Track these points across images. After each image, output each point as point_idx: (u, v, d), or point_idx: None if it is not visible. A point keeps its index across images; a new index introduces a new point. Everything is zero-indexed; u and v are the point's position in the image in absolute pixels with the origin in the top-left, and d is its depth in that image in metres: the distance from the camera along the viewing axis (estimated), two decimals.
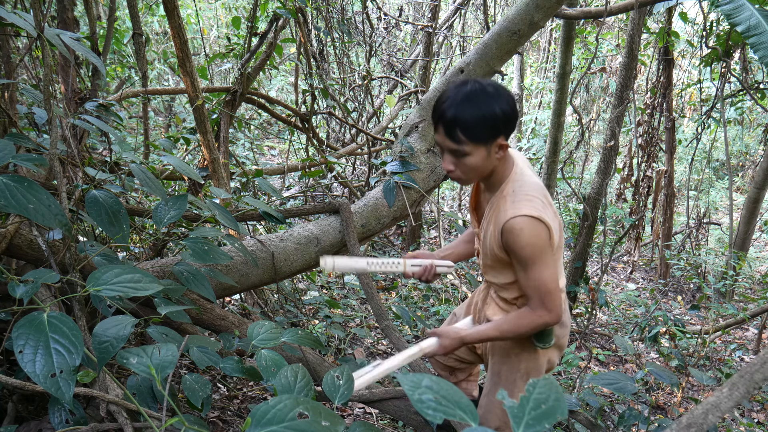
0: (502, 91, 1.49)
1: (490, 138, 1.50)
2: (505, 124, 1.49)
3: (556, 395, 0.79)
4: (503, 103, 1.48)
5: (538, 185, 1.57)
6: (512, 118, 1.50)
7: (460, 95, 1.48)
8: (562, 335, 1.79)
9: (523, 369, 1.79)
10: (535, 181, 1.58)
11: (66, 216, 1.44)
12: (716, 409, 1.00)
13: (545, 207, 1.51)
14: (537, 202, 1.51)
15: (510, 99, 1.50)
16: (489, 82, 1.52)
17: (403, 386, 0.82)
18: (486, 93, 1.48)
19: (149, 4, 6.13)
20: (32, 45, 2.14)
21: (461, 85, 1.50)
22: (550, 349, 1.79)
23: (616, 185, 7.26)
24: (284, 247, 2.37)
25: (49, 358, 1.16)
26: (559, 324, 1.74)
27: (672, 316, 4.22)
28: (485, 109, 1.46)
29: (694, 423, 0.99)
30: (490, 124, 1.48)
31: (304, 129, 3.89)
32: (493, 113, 1.47)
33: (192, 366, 2.62)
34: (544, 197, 1.54)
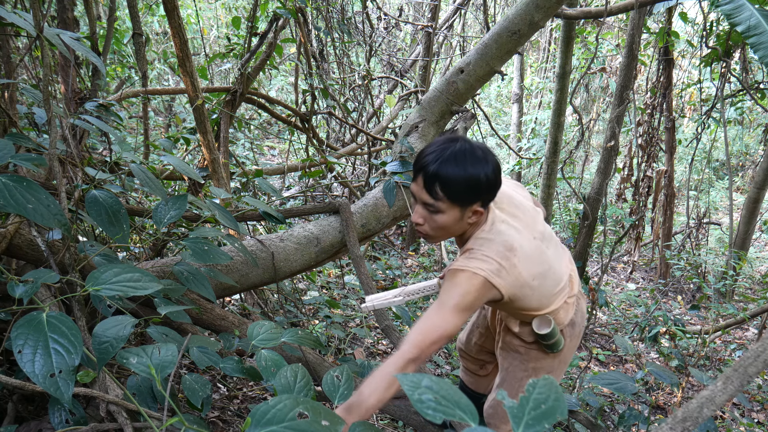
0: (489, 157, 1.47)
1: (467, 201, 1.48)
2: (487, 190, 1.47)
3: (556, 395, 0.79)
4: (488, 169, 1.45)
5: (502, 242, 1.50)
6: (495, 185, 1.48)
7: (448, 152, 1.44)
8: (573, 335, 1.80)
9: (531, 368, 1.81)
10: (501, 238, 1.50)
11: (65, 216, 1.43)
12: (711, 403, 1.00)
13: (500, 271, 1.47)
14: (491, 264, 1.46)
15: (496, 166, 1.47)
16: (479, 144, 1.49)
17: (403, 386, 0.82)
18: (474, 156, 1.45)
19: (149, 4, 6.13)
20: (32, 45, 2.14)
21: (450, 142, 1.47)
22: (561, 352, 1.80)
23: (616, 185, 7.26)
24: (284, 247, 2.37)
25: (48, 358, 1.16)
26: (570, 326, 1.78)
27: (672, 316, 4.22)
28: (471, 172, 1.43)
29: (689, 416, 0.99)
30: (472, 188, 1.45)
31: (304, 129, 3.89)
32: (477, 177, 1.44)
33: (192, 366, 2.62)
34: (506, 258, 1.48)
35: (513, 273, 1.49)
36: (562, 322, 1.75)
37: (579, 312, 1.82)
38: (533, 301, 1.60)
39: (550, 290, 1.65)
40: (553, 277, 1.66)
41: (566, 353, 1.83)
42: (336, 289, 4.48)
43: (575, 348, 1.87)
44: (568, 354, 1.85)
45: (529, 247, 1.55)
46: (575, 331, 1.82)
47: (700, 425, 1.86)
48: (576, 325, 1.81)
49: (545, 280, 1.62)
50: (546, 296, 1.65)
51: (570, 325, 1.79)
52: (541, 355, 1.80)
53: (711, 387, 1.02)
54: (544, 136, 9.26)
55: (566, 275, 1.76)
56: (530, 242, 1.57)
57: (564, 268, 1.76)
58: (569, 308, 1.77)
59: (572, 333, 1.81)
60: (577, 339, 1.85)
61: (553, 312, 1.70)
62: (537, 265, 1.57)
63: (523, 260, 1.51)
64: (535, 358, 1.80)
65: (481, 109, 4.97)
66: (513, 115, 9.72)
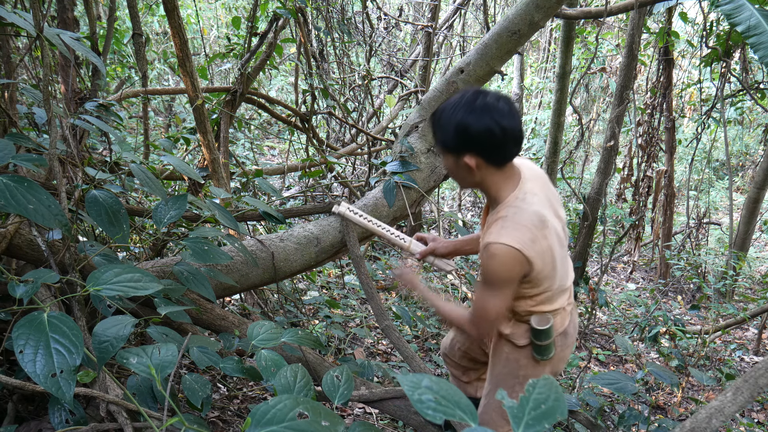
0: (499, 114, 1.42)
1: (456, 149, 1.48)
2: (480, 143, 1.44)
3: (556, 395, 0.79)
4: (488, 122, 1.42)
5: (535, 214, 1.50)
6: (494, 142, 1.44)
7: (456, 99, 1.46)
8: (564, 345, 1.78)
9: (522, 376, 1.77)
10: (534, 209, 1.50)
11: (66, 216, 1.44)
12: (720, 414, 1.00)
13: (534, 240, 1.47)
14: (525, 233, 1.46)
15: (505, 125, 1.43)
16: (502, 100, 1.45)
17: (403, 386, 0.82)
18: (478, 105, 1.43)
19: (149, 4, 6.13)
20: (32, 45, 2.14)
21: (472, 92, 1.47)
22: (552, 360, 1.77)
23: (616, 185, 7.26)
24: (284, 247, 2.37)
25: (50, 358, 1.16)
26: (563, 335, 1.75)
27: (672, 316, 4.22)
28: (461, 119, 1.43)
29: (697, 427, 0.99)
30: (459, 135, 1.45)
31: (304, 129, 3.89)
32: (465, 125, 1.43)
33: (192, 366, 2.62)
34: (538, 228, 1.49)
35: (543, 244, 1.49)
36: (557, 329, 1.72)
37: (572, 323, 1.79)
38: (550, 283, 1.59)
39: (560, 281, 1.64)
40: (564, 272, 1.66)
41: (556, 363, 1.79)
42: (336, 289, 4.48)
43: (565, 360, 1.83)
44: (558, 365, 1.81)
45: (557, 228, 1.56)
46: (567, 341, 1.78)
47: None
48: (568, 335, 1.78)
49: (562, 266, 1.61)
50: (558, 286, 1.63)
51: (563, 335, 1.75)
52: (531, 362, 1.75)
53: (720, 397, 1.02)
54: (544, 136, 9.26)
55: (571, 278, 1.75)
56: (557, 224, 1.57)
57: (571, 273, 1.76)
58: (566, 316, 1.75)
59: (564, 343, 1.77)
60: (568, 350, 1.81)
61: (554, 312, 1.69)
62: (559, 244, 1.57)
63: (552, 235, 1.52)
64: (525, 366, 1.76)
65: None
66: None
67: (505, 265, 1.46)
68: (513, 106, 1.47)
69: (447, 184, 8.10)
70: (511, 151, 1.49)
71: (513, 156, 1.52)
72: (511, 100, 1.50)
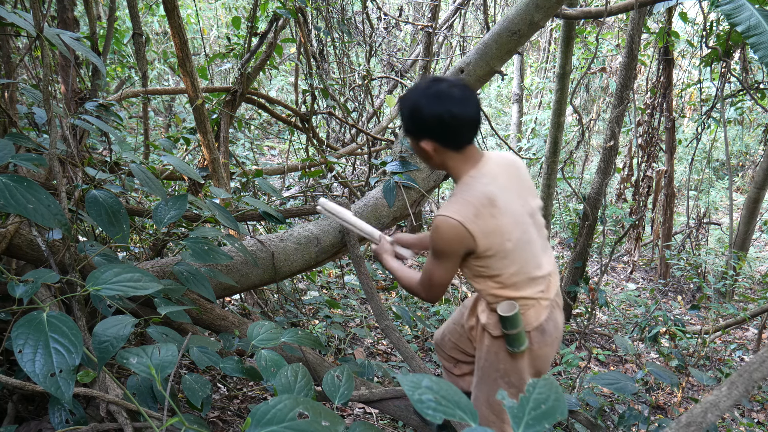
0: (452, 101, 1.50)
1: (415, 134, 1.58)
2: (433, 129, 1.53)
3: (556, 395, 0.79)
4: (441, 109, 1.50)
5: (483, 193, 1.55)
6: (446, 128, 1.52)
7: (420, 88, 1.55)
8: (541, 342, 1.75)
9: (502, 369, 1.78)
10: (484, 188, 1.56)
11: (66, 216, 1.44)
12: (715, 408, 1.00)
13: (478, 216, 1.52)
14: (469, 208, 1.52)
15: (458, 112, 1.51)
16: (459, 87, 1.53)
17: (403, 386, 0.82)
18: (436, 93, 1.51)
19: (149, 4, 6.13)
20: (32, 45, 2.14)
21: (433, 81, 1.55)
22: (530, 356, 1.76)
23: (616, 185, 7.26)
24: (284, 247, 2.37)
25: (49, 358, 1.16)
26: (539, 331, 1.73)
27: (672, 316, 4.22)
28: (417, 104, 1.52)
29: (693, 422, 0.99)
30: (415, 120, 1.55)
31: (304, 129, 3.89)
32: (420, 111, 1.52)
33: (192, 366, 2.62)
34: (484, 205, 1.53)
35: (489, 222, 1.53)
36: (531, 323, 1.71)
37: (552, 321, 1.76)
38: (505, 267, 1.62)
39: (524, 268, 1.65)
40: (534, 259, 1.67)
41: (536, 361, 1.78)
42: (336, 289, 4.49)
43: (546, 359, 1.80)
44: (539, 363, 1.79)
45: (513, 211, 1.59)
46: (545, 339, 1.75)
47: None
48: (547, 333, 1.75)
49: (523, 252, 1.63)
50: (521, 272, 1.65)
51: (539, 331, 1.73)
52: (509, 356, 1.75)
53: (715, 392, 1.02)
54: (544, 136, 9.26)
55: (546, 270, 1.74)
56: (515, 207, 1.61)
57: (546, 261, 1.75)
58: (541, 310, 1.72)
59: (541, 340, 1.74)
60: (549, 349, 1.79)
61: (522, 300, 1.68)
62: (517, 228, 1.60)
63: (502, 215, 1.56)
64: (504, 360, 1.76)
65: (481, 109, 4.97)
66: (513, 115, 9.73)
67: (446, 235, 1.53)
68: (467, 93, 1.54)
69: (447, 183, 8.10)
70: (466, 136, 1.57)
71: (469, 140, 1.59)
72: (466, 87, 1.56)
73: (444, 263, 1.60)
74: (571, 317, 5.00)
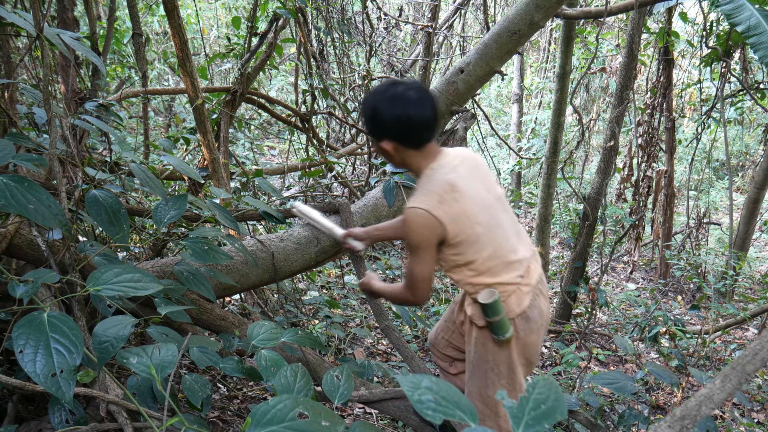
0: (408, 103, 1.57)
1: (375, 135, 1.66)
2: (391, 131, 1.61)
3: (556, 395, 0.79)
4: (398, 111, 1.57)
5: (444, 181, 1.62)
6: (403, 129, 1.60)
7: (379, 91, 1.62)
8: (527, 330, 1.76)
9: (491, 361, 1.79)
10: (444, 178, 1.62)
11: (66, 216, 1.44)
12: (709, 401, 1.01)
13: (442, 202, 1.58)
14: (432, 196, 1.59)
15: (413, 114, 1.57)
16: (416, 90, 1.60)
17: (403, 387, 0.82)
18: (393, 96, 1.58)
19: (149, 4, 6.13)
20: (32, 45, 2.14)
21: (391, 84, 1.61)
22: (517, 344, 1.77)
23: (616, 185, 7.26)
24: (284, 247, 2.37)
25: (50, 358, 1.16)
26: (524, 318, 1.74)
27: (672, 316, 4.22)
28: (375, 107, 1.60)
29: (688, 415, 0.99)
30: (374, 122, 1.63)
31: (304, 129, 3.89)
32: (377, 112, 1.60)
33: (192, 366, 2.62)
34: (446, 192, 1.60)
35: (454, 207, 1.59)
36: (513, 310, 1.72)
37: (536, 308, 1.77)
38: (478, 252, 1.66)
39: (499, 251, 1.69)
40: (506, 243, 1.71)
41: (523, 349, 1.78)
42: (336, 289, 4.49)
43: (534, 346, 1.81)
44: (528, 351, 1.80)
45: (477, 195, 1.65)
46: (530, 326, 1.76)
47: (700, 425, 1.86)
48: (531, 320, 1.76)
49: (494, 236, 1.67)
50: (495, 257, 1.68)
51: (523, 318, 1.74)
52: (495, 345, 1.76)
53: (709, 385, 1.02)
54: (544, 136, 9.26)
55: (522, 255, 1.76)
56: (479, 192, 1.67)
57: (522, 247, 1.78)
58: (523, 296, 1.73)
59: (526, 327, 1.75)
60: (535, 336, 1.79)
61: (501, 286, 1.70)
62: (483, 211, 1.65)
63: (466, 199, 1.61)
64: (493, 351, 1.77)
65: (481, 109, 4.97)
66: (513, 115, 9.72)
67: (416, 225, 1.59)
68: (423, 95, 1.61)
69: None
70: (423, 135, 1.64)
71: (427, 139, 1.66)
72: (423, 89, 1.63)
73: (421, 255, 1.64)
74: (571, 317, 5.00)
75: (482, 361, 1.80)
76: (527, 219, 9.14)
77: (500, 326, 1.70)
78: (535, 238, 5.13)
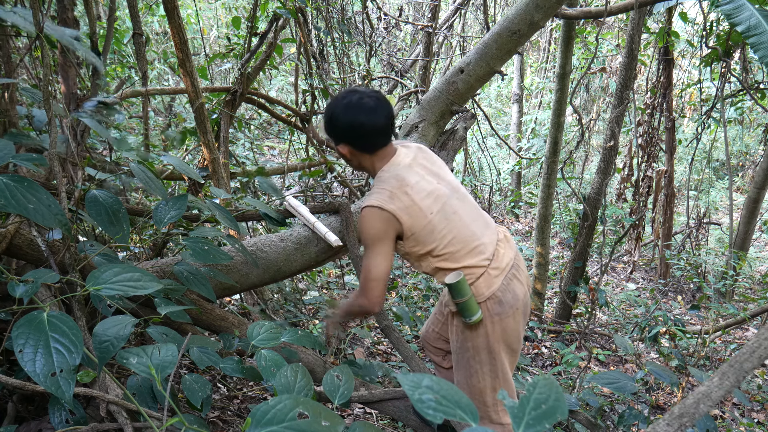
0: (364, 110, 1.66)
1: (334, 139, 1.76)
2: (346, 136, 1.72)
3: (557, 395, 0.79)
4: (352, 119, 1.67)
5: (394, 177, 1.71)
6: (357, 135, 1.70)
7: (337, 99, 1.71)
8: (502, 314, 1.77)
9: (471, 348, 1.82)
10: (394, 174, 1.72)
11: (66, 216, 1.44)
12: (707, 399, 1.01)
13: (393, 197, 1.67)
14: (384, 193, 1.68)
15: (366, 122, 1.67)
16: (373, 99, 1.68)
17: (404, 386, 0.82)
18: (349, 104, 1.68)
19: (149, 4, 6.13)
20: (32, 45, 2.14)
21: (349, 93, 1.71)
22: (494, 329, 1.78)
23: (616, 185, 7.26)
24: (284, 247, 2.36)
25: (50, 358, 1.16)
26: (495, 301, 1.76)
27: (672, 316, 4.22)
28: (333, 116, 1.70)
29: (686, 413, 0.99)
30: (332, 128, 1.73)
31: (304, 129, 3.89)
32: (335, 120, 1.70)
33: (192, 366, 2.62)
34: (396, 187, 1.68)
35: (404, 200, 1.68)
36: (483, 293, 1.75)
37: (510, 292, 1.78)
38: (438, 238, 1.72)
39: (459, 236, 1.74)
40: (465, 228, 1.76)
41: (504, 335, 1.79)
42: (336, 289, 4.48)
43: (515, 332, 1.82)
44: (507, 337, 1.81)
45: (428, 187, 1.73)
46: (504, 309, 1.77)
47: (700, 424, 1.86)
48: (504, 304, 1.77)
49: (450, 222, 1.74)
50: (455, 242, 1.74)
51: (495, 301, 1.76)
52: (470, 330, 1.80)
53: (707, 383, 1.02)
54: (544, 136, 9.26)
55: (488, 239, 1.80)
56: (430, 184, 1.74)
57: (486, 232, 1.81)
58: (492, 280, 1.76)
59: (501, 311, 1.76)
60: (513, 321, 1.80)
61: (467, 269, 1.74)
62: (436, 201, 1.72)
63: (417, 192, 1.70)
64: (471, 337, 1.81)
65: (481, 109, 4.97)
66: (513, 115, 9.73)
67: (370, 222, 1.67)
68: (379, 103, 1.70)
69: None
70: (377, 141, 1.74)
71: (381, 144, 1.75)
72: (380, 98, 1.72)
73: (376, 250, 1.69)
74: (571, 317, 5.00)
75: (463, 349, 1.85)
76: (527, 219, 9.14)
77: (467, 307, 1.74)
78: (535, 238, 5.13)
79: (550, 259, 5.98)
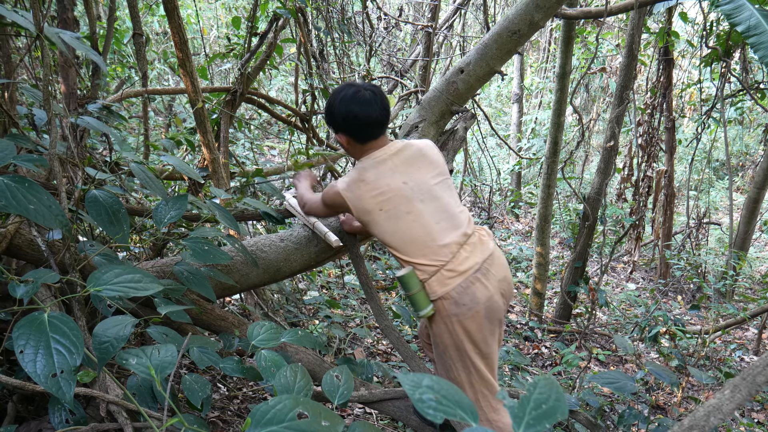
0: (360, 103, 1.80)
1: (332, 128, 1.91)
2: (342, 126, 1.86)
3: (557, 395, 0.79)
4: (348, 111, 1.81)
5: (360, 169, 1.88)
6: (352, 126, 1.84)
7: (337, 91, 1.86)
8: (460, 315, 1.81)
9: (440, 344, 1.90)
10: (362, 167, 1.89)
11: (66, 216, 1.43)
12: (718, 411, 1.00)
13: (349, 187, 1.87)
14: (345, 182, 1.89)
15: (359, 114, 1.81)
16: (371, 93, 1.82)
17: (404, 386, 0.82)
18: (345, 97, 1.82)
19: (149, 4, 6.13)
20: (32, 45, 2.14)
21: (347, 86, 1.85)
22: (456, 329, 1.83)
23: (616, 185, 7.26)
24: (284, 247, 2.36)
25: (50, 358, 1.16)
26: (451, 302, 1.82)
27: (672, 316, 4.22)
28: (331, 105, 1.85)
29: (696, 425, 0.99)
30: (330, 118, 1.88)
31: (304, 129, 3.89)
32: (332, 110, 1.85)
33: (192, 366, 2.62)
34: (354, 181, 1.87)
35: (356, 192, 1.86)
36: (435, 291, 1.83)
37: (468, 295, 1.81)
38: (388, 233, 1.86)
39: (413, 237, 1.84)
40: (423, 229, 1.84)
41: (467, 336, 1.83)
42: (336, 289, 4.49)
43: (480, 335, 1.85)
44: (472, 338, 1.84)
45: (388, 187, 1.85)
46: (461, 311, 1.80)
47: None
48: (461, 305, 1.80)
49: (401, 222, 1.84)
50: (411, 242, 1.84)
51: (450, 302, 1.81)
52: (434, 329, 1.88)
53: (718, 395, 1.02)
54: (544, 136, 9.26)
55: (449, 241, 1.84)
56: (394, 183, 1.86)
57: (451, 234, 1.86)
58: (446, 281, 1.81)
59: (458, 312, 1.80)
60: (473, 323, 1.83)
61: (419, 267, 1.84)
62: (389, 202, 1.84)
63: (371, 189, 1.85)
64: (437, 334, 1.89)
65: (481, 109, 4.97)
66: (513, 115, 9.73)
67: (330, 194, 1.95)
68: (375, 97, 1.83)
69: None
70: (371, 132, 1.87)
71: (374, 135, 1.88)
72: (377, 92, 1.86)
73: (322, 205, 2.03)
74: (571, 317, 5.00)
75: (435, 344, 1.94)
76: (527, 219, 9.14)
77: (414, 301, 1.84)
78: (535, 238, 5.13)
79: (550, 259, 5.99)
